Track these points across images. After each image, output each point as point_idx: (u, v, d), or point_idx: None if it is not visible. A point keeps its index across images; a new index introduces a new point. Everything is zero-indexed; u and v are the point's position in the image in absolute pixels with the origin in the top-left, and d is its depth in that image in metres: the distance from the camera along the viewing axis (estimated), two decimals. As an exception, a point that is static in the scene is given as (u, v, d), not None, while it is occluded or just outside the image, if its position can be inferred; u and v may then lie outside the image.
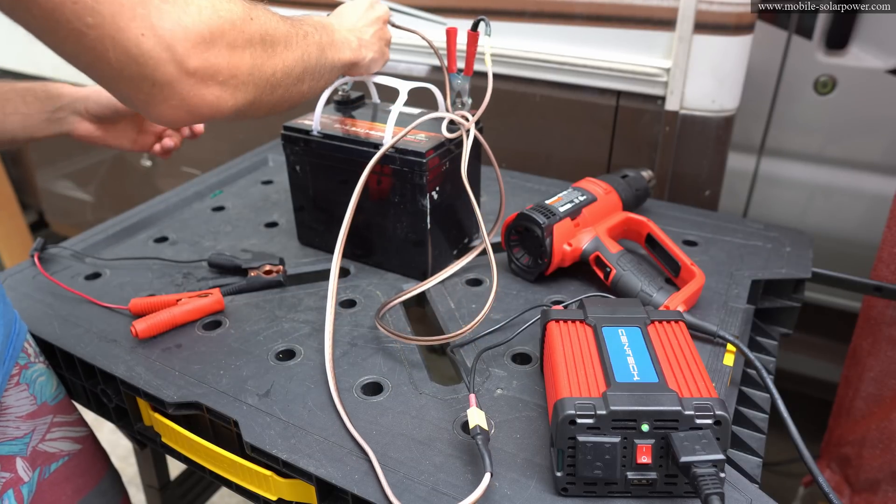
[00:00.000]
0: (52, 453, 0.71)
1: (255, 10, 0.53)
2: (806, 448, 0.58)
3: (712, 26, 0.97)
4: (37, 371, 0.71)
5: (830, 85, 1.15)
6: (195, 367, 0.68)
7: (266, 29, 0.54)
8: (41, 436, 0.70)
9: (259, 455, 0.59)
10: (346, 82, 0.87)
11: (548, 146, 1.20)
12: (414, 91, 0.79)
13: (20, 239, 2.27)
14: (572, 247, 0.79)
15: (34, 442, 0.70)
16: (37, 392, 0.71)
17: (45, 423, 0.71)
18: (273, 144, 1.24)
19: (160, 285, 0.83)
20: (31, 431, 0.69)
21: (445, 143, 0.78)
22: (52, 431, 0.72)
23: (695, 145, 1.06)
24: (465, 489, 0.53)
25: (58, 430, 0.72)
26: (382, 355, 0.69)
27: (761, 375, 0.64)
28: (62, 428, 0.73)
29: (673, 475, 0.51)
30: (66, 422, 0.74)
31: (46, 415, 0.71)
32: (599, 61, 1.08)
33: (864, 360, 1.01)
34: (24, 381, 0.69)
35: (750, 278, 0.80)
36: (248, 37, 0.51)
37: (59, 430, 0.73)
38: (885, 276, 0.92)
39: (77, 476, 0.74)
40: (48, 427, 0.71)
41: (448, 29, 0.78)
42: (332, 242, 0.75)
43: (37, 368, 0.71)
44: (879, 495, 1.00)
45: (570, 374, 0.54)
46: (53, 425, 0.72)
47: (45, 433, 0.71)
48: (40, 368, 0.72)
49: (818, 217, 1.24)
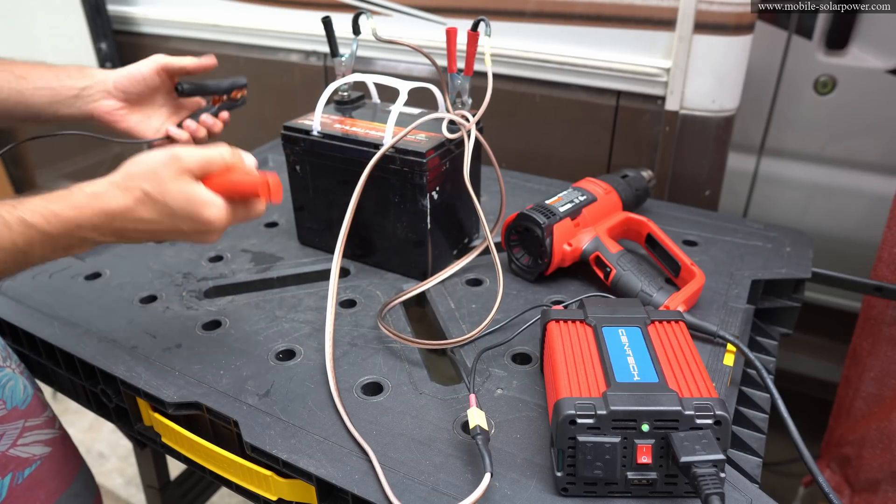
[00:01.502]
0: (26, 458, 0.71)
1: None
2: (806, 448, 0.58)
3: (712, 26, 0.97)
4: (6, 376, 0.71)
5: (830, 85, 1.15)
6: (195, 367, 0.68)
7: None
8: (12, 440, 0.70)
9: (259, 455, 0.59)
10: (346, 82, 0.87)
11: (548, 146, 1.20)
12: (414, 91, 0.79)
13: (20, 239, 2.26)
14: (572, 247, 0.79)
15: (4, 447, 0.69)
16: (6, 397, 0.70)
17: (17, 427, 0.70)
18: (273, 144, 1.24)
19: (160, 285, 0.83)
20: (1, 436, 0.69)
21: (445, 143, 0.78)
22: (23, 437, 0.71)
23: (695, 145, 1.06)
24: (465, 489, 0.53)
25: (29, 434, 0.72)
26: (382, 355, 0.69)
27: (761, 375, 0.64)
28: (33, 432, 0.72)
29: (673, 475, 0.51)
30: (37, 425, 0.73)
31: (17, 419, 0.71)
32: (599, 61, 1.08)
33: (864, 360, 1.01)
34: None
35: (750, 278, 0.80)
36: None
37: (31, 435, 0.72)
38: (885, 276, 0.92)
39: (50, 479, 0.73)
40: (20, 432, 0.71)
41: (448, 29, 0.78)
42: (332, 242, 0.75)
43: (6, 373, 0.71)
44: (879, 495, 1.00)
45: (571, 374, 0.54)
46: (25, 430, 0.71)
47: (16, 438, 0.70)
48: (9, 373, 0.71)
49: (818, 217, 1.24)
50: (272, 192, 0.60)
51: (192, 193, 0.57)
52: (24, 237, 0.53)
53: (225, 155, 0.59)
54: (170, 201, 0.56)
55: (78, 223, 0.55)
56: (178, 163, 0.56)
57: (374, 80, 0.84)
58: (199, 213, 0.57)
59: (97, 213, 0.55)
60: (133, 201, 0.56)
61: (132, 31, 1.63)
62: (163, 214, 0.57)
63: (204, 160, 0.58)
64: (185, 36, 1.56)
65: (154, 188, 0.56)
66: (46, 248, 0.54)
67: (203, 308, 0.78)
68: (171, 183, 0.56)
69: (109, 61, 1.63)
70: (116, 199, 0.56)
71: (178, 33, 1.57)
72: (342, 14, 1.01)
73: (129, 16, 1.62)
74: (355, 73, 0.87)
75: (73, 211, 0.54)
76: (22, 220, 0.52)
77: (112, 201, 0.55)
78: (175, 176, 0.56)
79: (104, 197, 0.55)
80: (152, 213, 0.57)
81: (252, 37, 1.46)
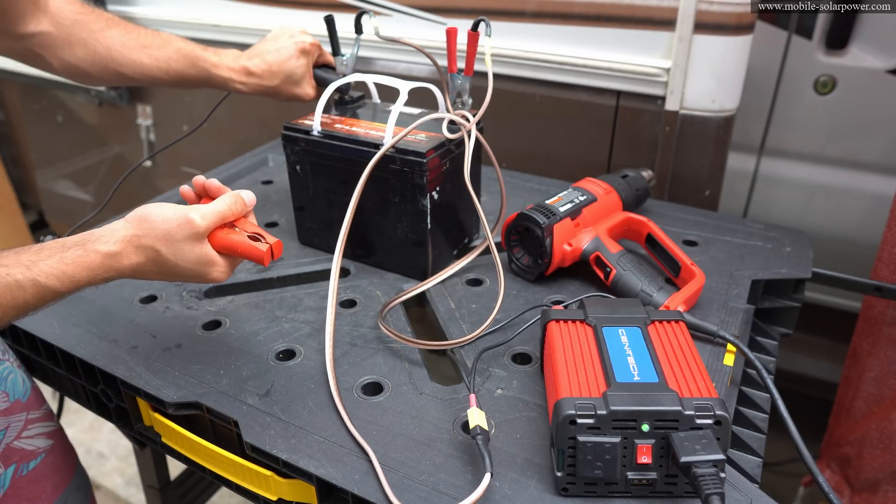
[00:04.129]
0: (31, 451, 0.71)
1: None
2: (806, 448, 0.58)
3: (712, 26, 0.97)
4: (6, 369, 0.71)
5: (830, 85, 1.15)
6: (195, 367, 0.68)
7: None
8: (16, 433, 0.70)
9: (259, 455, 0.59)
10: (346, 83, 0.87)
11: (548, 146, 1.20)
12: (414, 91, 0.79)
13: (20, 239, 2.26)
14: (572, 247, 0.79)
15: (8, 439, 0.70)
16: (8, 389, 0.71)
17: (20, 420, 0.71)
18: (273, 144, 1.24)
19: (160, 285, 0.83)
20: (5, 428, 0.70)
21: (446, 143, 0.78)
22: (27, 429, 0.72)
23: (695, 145, 1.05)
24: (466, 489, 0.53)
25: (33, 427, 0.73)
26: (383, 355, 0.69)
27: (761, 375, 0.64)
28: (36, 425, 0.73)
29: (673, 475, 0.51)
30: (38, 417, 0.74)
31: (20, 412, 0.71)
32: (599, 61, 1.07)
33: (864, 360, 1.01)
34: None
35: (750, 278, 0.80)
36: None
37: (34, 427, 0.73)
38: (885, 276, 0.92)
39: (54, 472, 0.74)
40: (23, 424, 0.71)
41: (448, 29, 0.78)
42: (332, 242, 0.75)
43: (6, 366, 0.72)
44: (879, 495, 1.00)
45: (571, 374, 0.54)
46: (28, 423, 0.72)
47: (20, 430, 0.71)
48: (8, 366, 0.72)
49: (818, 217, 1.24)
50: (274, 255, 0.62)
51: (202, 256, 0.60)
52: (36, 297, 0.55)
53: (235, 210, 0.62)
54: (181, 262, 0.59)
55: (90, 282, 0.57)
56: (190, 227, 0.58)
57: (374, 80, 0.84)
58: (206, 273, 0.61)
59: (109, 272, 0.58)
60: (146, 261, 0.59)
61: (132, 31, 1.63)
62: (171, 273, 0.60)
63: (215, 220, 0.60)
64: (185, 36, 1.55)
65: (167, 250, 0.58)
66: (50, 301, 0.57)
67: (203, 308, 0.78)
68: (184, 245, 0.59)
69: (109, 61, 1.63)
70: (130, 259, 0.58)
71: (179, 33, 1.56)
72: (342, 14, 1.01)
73: (129, 16, 1.61)
74: (356, 73, 0.87)
75: (86, 273, 0.57)
76: (36, 282, 0.54)
77: (125, 261, 0.58)
78: (187, 240, 0.59)
79: (118, 257, 0.58)
80: (161, 270, 0.60)
81: (252, 37, 1.45)
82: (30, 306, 0.55)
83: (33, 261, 0.55)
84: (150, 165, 1.84)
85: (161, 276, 0.61)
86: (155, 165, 1.83)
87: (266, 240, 0.61)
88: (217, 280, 0.62)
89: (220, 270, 0.61)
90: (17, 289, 0.53)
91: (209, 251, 0.60)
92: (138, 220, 0.58)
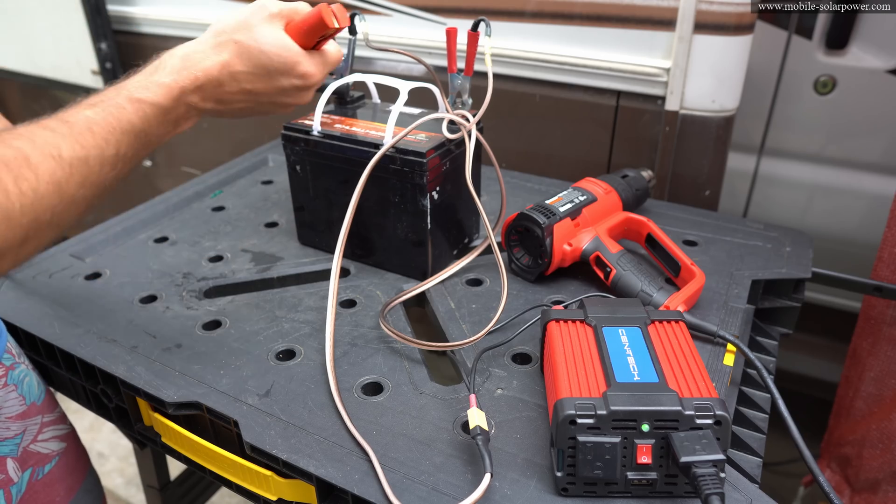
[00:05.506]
0: (46, 454, 0.71)
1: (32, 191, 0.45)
2: (806, 448, 0.58)
3: (712, 26, 0.97)
4: (22, 371, 0.71)
5: (830, 85, 1.15)
6: (195, 367, 0.68)
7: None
8: (33, 436, 0.70)
9: (259, 455, 0.59)
10: (346, 82, 0.87)
11: (548, 146, 1.20)
12: (414, 91, 0.79)
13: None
14: (572, 247, 0.79)
15: (25, 442, 0.69)
16: (25, 392, 0.71)
17: (36, 423, 0.71)
18: (273, 144, 1.24)
19: (160, 285, 0.83)
20: (22, 432, 0.69)
21: (446, 143, 0.78)
22: (43, 432, 0.72)
23: (695, 145, 1.06)
24: (466, 489, 0.53)
25: (48, 430, 0.72)
26: (383, 355, 0.69)
27: (761, 375, 0.64)
28: (51, 428, 0.73)
29: (673, 475, 0.51)
30: (52, 420, 0.74)
31: (36, 415, 0.71)
32: (599, 61, 1.08)
33: (864, 360, 1.01)
34: (12, 382, 0.69)
35: (750, 278, 0.80)
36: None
37: (50, 430, 0.73)
38: (885, 276, 0.92)
39: (67, 475, 0.74)
40: (39, 427, 0.71)
41: (448, 29, 0.78)
42: (332, 242, 0.75)
43: (21, 370, 0.71)
44: (879, 495, 1.00)
45: (571, 374, 0.54)
46: (44, 426, 0.72)
47: (36, 434, 0.71)
48: (24, 369, 0.72)
49: (818, 217, 1.24)
50: (338, 16, 0.59)
51: (285, 41, 0.57)
52: (138, 114, 0.53)
53: (305, 1, 0.61)
54: (264, 48, 0.56)
55: (181, 87, 0.55)
56: (265, 10, 0.56)
57: (374, 80, 0.84)
58: (295, 65, 0.57)
59: (195, 72, 0.55)
60: (228, 54, 0.56)
61: (132, 31, 1.63)
62: (258, 66, 0.57)
63: (288, 10, 0.58)
64: (185, 36, 1.54)
65: (246, 38, 0.56)
66: (161, 122, 0.55)
67: (203, 308, 0.78)
68: (263, 28, 0.56)
69: (109, 61, 1.63)
70: (210, 57, 0.56)
71: (179, 33, 1.56)
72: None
73: (129, 16, 1.62)
74: (355, 73, 0.87)
75: (172, 76, 0.55)
76: (131, 97, 0.53)
77: (206, 59, 0.56)
78: (265, 21, 0.56)
79: (195, 57, 0.56)
80: (247, 65, 0.57)
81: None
82: (139, 130, 0.52)
83: (120, 85, 0.53)
84: (150, 165, 1.84)
85: (251, 82, 0.57)
86: (155, 165, 1.83)
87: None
88: (309, 77, 0.59)
89: (309, 63, 0.58)
90: (117, 108, 0.52)
91: (289, 40, 0.57)
92: (212, 24, 0.57)
